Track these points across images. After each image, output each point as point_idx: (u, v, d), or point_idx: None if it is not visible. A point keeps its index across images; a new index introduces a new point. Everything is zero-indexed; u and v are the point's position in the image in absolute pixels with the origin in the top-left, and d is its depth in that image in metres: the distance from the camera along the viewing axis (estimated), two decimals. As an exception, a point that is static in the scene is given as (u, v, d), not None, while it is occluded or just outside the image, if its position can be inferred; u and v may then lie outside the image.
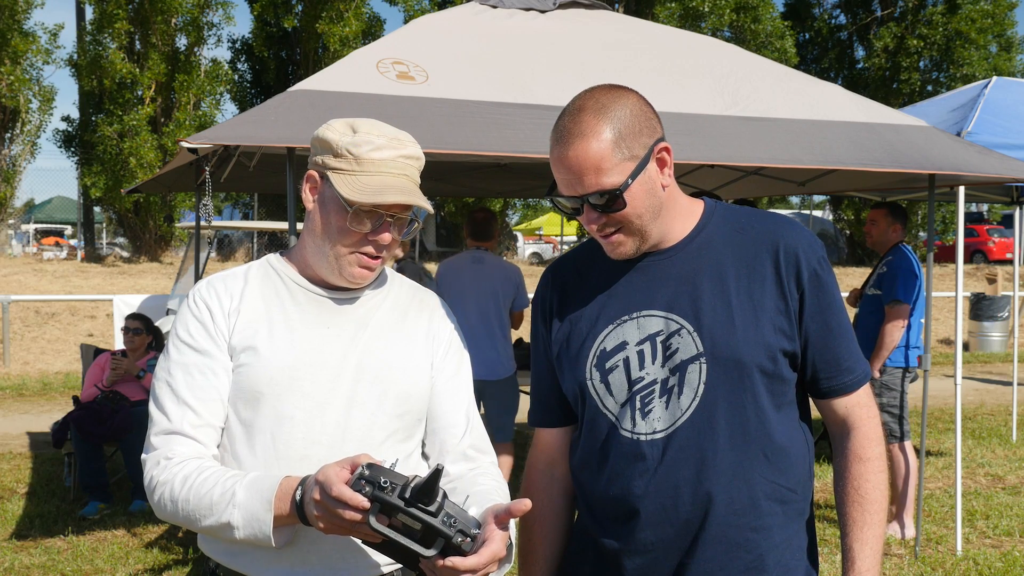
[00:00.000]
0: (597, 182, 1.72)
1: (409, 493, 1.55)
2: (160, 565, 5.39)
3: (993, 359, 15.07)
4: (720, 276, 1.80)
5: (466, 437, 2.01)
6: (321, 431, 1.84)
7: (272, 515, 1.68)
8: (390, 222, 1.87)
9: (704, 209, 1.89)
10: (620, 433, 1.80)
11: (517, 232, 31.99)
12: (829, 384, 1.83)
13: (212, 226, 11.60)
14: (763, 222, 1.85)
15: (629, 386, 1.79)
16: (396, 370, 1.92)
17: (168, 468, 1.79)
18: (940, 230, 24.24)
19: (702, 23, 23.42)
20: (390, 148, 1.86)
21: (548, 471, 1.99)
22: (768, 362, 1.75)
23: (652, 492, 1.76)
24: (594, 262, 1.92)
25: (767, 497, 1.77)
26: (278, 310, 1.91)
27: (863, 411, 1.85)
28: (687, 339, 1.77)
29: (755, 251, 1.81)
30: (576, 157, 1.73)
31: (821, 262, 1.81)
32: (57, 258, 23.13)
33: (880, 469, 1.83)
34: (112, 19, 19.92)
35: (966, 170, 4.97)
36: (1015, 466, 7.88)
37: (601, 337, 1.83)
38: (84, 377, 7.41)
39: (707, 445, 1.75)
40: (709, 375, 1.75)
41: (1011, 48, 27.12)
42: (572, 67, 4.79)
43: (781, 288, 1.78)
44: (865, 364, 1.88)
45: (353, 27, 21.53)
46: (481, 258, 6.27)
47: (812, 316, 1.79)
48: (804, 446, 1.84)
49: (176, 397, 1.84)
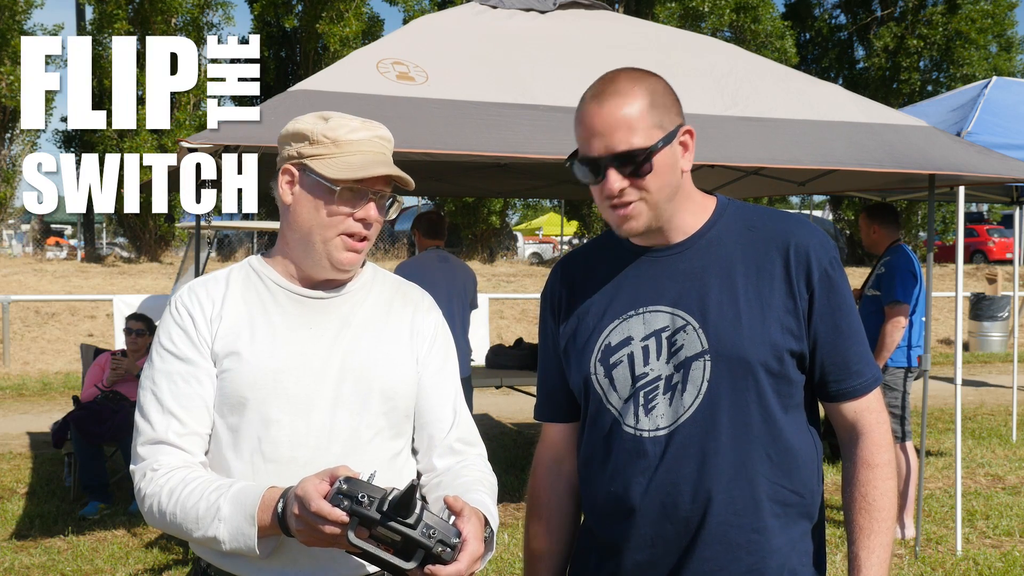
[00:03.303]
0: (628, 140, 1.70)
1: (387, 506, 1.58)
2: (160, 565, 5.39)
3: (993, 359, 15.07)
4: (729, 273, 1.78)
5: (453, 431, 2.00)
6: (307, 433, 1.83)
7: (256, 529, 1.70)
8: (374, 199, 1.88)
9: (716, 205, 1.87)
10: (623, 429, 1.79)
11: (517, 232, 31.97)
12: (838, 387, 1.81)
13: (212, 226, 11.61)
14: (775, 220, 1.83)
15: (633, 382, 1.78)
16: (380, 367, 1.91)
17: (154, 480, 1.80)
18: (940, 230, 24.24)
19: (702, 23, 23.42)
20: (365, 130, 1.89)
21: (555, 467, 1.98)
22: (774, 362, 1.74)
23: (653, 489, 1.75)
24: (603, 257, 1.91)
25: (770, 498, 1.75)
26: (260, 313, 1.90)
27: (873, 416, 1.82)
28: (692, 336, 1.75)
29: (765, 249, 1.78)
30: (610, 113, 1.72)
31: (833, 262, 1.79)
32: (57, 258, 23.13)
33: (889, 476, 1.80)
34: (112, 19, 19.91)
35: (966, 170, 4.98)
36: (1015, 466, 7.88)
37: (607, 332, 1.82)
38: (84, 377, 7.41)
39: (709, 443, 1.73)
40: (713, 373, 1.73)
41: (1011, 48, 27.13)
42: (572, 67, 4.79)
43: (790, 287, 1.76)
44: (875, 368, 1.84)
45: (353, 27, 21.53)
46: (446, 257, 6.32)
47: (821, 317, 1.77)
48: (812, 450, 1.82)
49: (161, 406, 1.85)
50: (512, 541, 5.67)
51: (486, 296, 13.87)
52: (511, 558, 5.39)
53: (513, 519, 6.15)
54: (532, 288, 18.38)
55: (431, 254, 6.28)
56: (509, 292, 17.60)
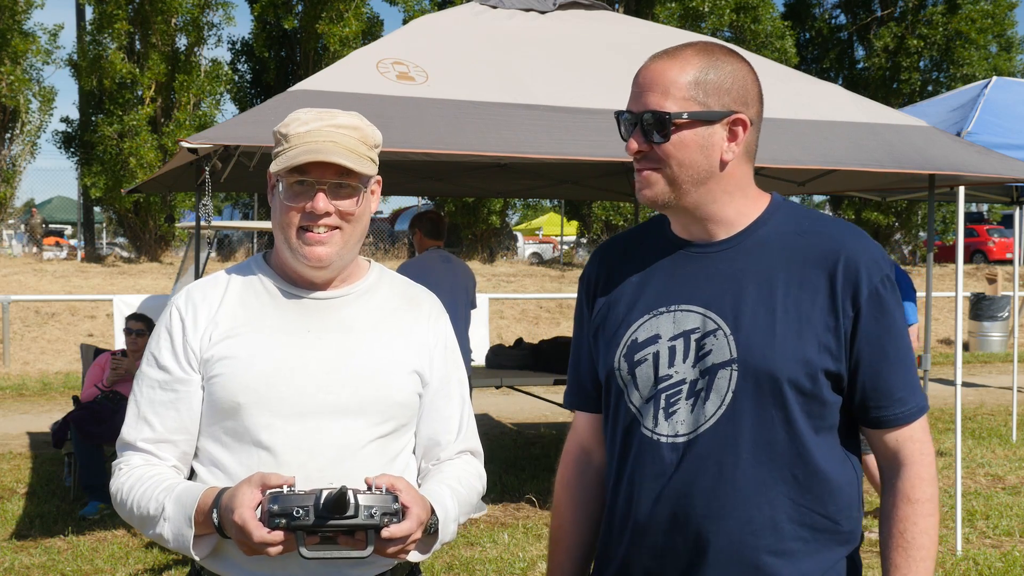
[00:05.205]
0: (658, 102, 1.65)
1: (323, 509, 1.61)
2: (160, 565, 5.39)
3: (993, 359, 15.07)
4: (769, 280, 1.67)
5: (457, 443, 1.99)
6: (301, 437, 1.82)
7: (193, 531, 1.73)
8: (323, 189, 1.82)
9: (768, 204, 1.76)
10: (641, 431, 1.72)
11: (517, 232, 31.94)
12: (878, 414, 1.69)
13: (212, 226, 11.60)
14: (827, 228, 1.72)
15: (655, 383, 1.71)
16: (380, 375, 1.88)
17: (117, 479, 1.86)
18: (940, 230, 24.23)
19: (702, 23, 23.40)
20: (318, 121, 1.84)
21: (584, 456, 1.92)
22: (805, 380, 1.63)
23: (665, 497, 1.68)
24: (642, 246, 1.83)
25: (792, 520, 1.66)
26: (257, 316, 1.88)
27: (916, 447, 1.70)
28: (722, 341, 1.66)
29: (812, 259, 1.67)
30: (654, 71, 1.68)
31: (884, 281, 1.66)
32: (57, 258, 23.12)
33: (930, 512, 1.68)
34: (112, 19, 19.88)
35: (966, 170, 4.98)
36: (1015, 466, 7.88)
37: (635, 326, 1.74)
38: (84, 377, 7.41)
39: (727, 458, 1.65)
40: (739, 384, 1.64)
41: (1011, 48, 27.12)
42: (572, 67, 4.80)
43: (834, 304, 1.64)
44: (921, 397, 1.72)
45: (353, 27, 21.51)
46: (447, 257, 6.33)
47: (866, 339, 1.65)
48: (851, 474, 1.71)
49: (137, 411, 1.88)
50: (512, 541, 5.66)
51: (486, 296, 13.87)
52: (511, 558, 5.39)
53: (513, 519, 6.15)
54: (532, 288, 18.38)
55: (433, 254, 6.29)
56: (509, 292, 17.59)
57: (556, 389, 7.43)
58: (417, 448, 1.98)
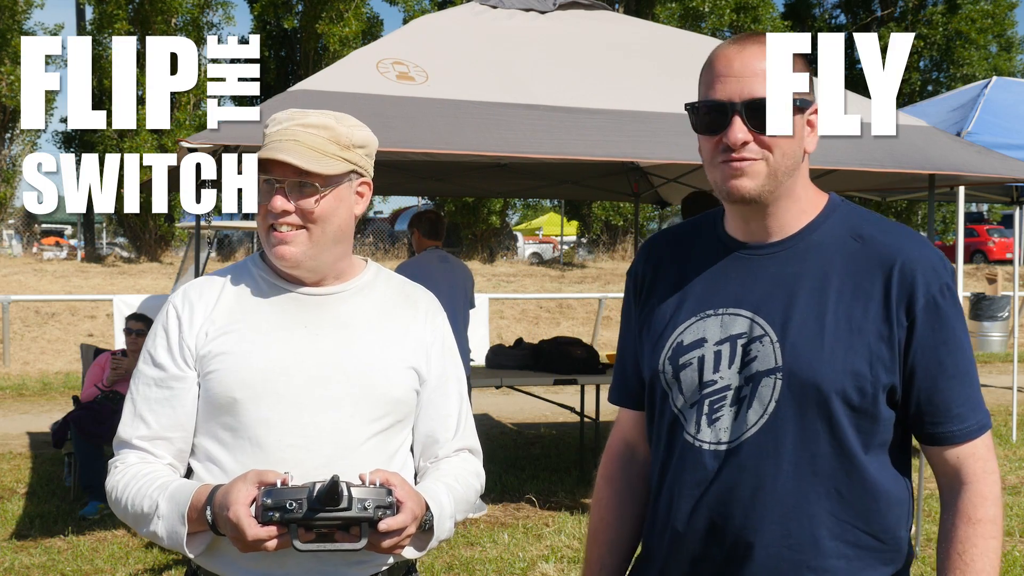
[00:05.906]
0: (762, 89, 1.56)
1: (316, 501, 1.62)
2: (160, 565, 5.39)
3: (993, 359, 15.06)
4: (821, 286, 1.60)
5: (455, 441, 1.99)
6: (297, 433, 1.82)
7: (187, 528, 1.74)
8: (281, 188, 1.82)
9: (825, 205, 1.69)
10: (684, 435, 1.67)
11: (517, 232, 31.96)
12: (933, 430, 1.61)
13: (212, 226, 11.61)
14: (885, 233, 1.64)
15: (699, 387, 1.65)
16: (376, 371, 1.88)
17: (112, 477, 1.87)
18: (940, 230, 24.25)
19: (702, 23, 23.43)
20: (289, 120, 1.85)
21: (627, 452, 1.88)
22: (854, 393, 1.56)
23: (703, 505, 1.63)
24: (691, 243, 1.77)
25: (834, 537, 1.59)
26: (254, 313, 1.88)
27: (979, 464, 1.62)
28: (768, 348, 1.60)
29: (868, 265, 1.60)
30: (751, 56, 1.58)
31: (944, 289, 1.59)
32: (57, 258, 23.13)
33: (992, 534, 1.59)
34: (112, 19, 19.92)
35: (966, 170, 4.98)
36: (1015, 466, 7.88)
37: (681, 328, 1.69)
38: (84, 377, 7.41)
39: (767, 469, 1.59)
40: (782, 393, 1.58)
41: (1011, 48, 27.15)
42: (572, 67, 4.80)
43: (888, 312, 1.57)
44: (983, 413, 1.64)
45: (353, 27, 21.54)
46: (446, 257, 6.32)
47: (922, 350, 1.57)
48: (902, 492, 1.64)
49: (133, 408, 1.90)
50: (512, 541, 5.66)
51: (486, 296, 13.86)
52: (511, 558, 5.39)
53: (513, 519, 6.15)
54: (532, 288, 18.39)
55: (431, 254, 6.29)
56: (509, 292, 17.60)
57: (556, 389, 7.43)
58: (415, 446, 1.99)
